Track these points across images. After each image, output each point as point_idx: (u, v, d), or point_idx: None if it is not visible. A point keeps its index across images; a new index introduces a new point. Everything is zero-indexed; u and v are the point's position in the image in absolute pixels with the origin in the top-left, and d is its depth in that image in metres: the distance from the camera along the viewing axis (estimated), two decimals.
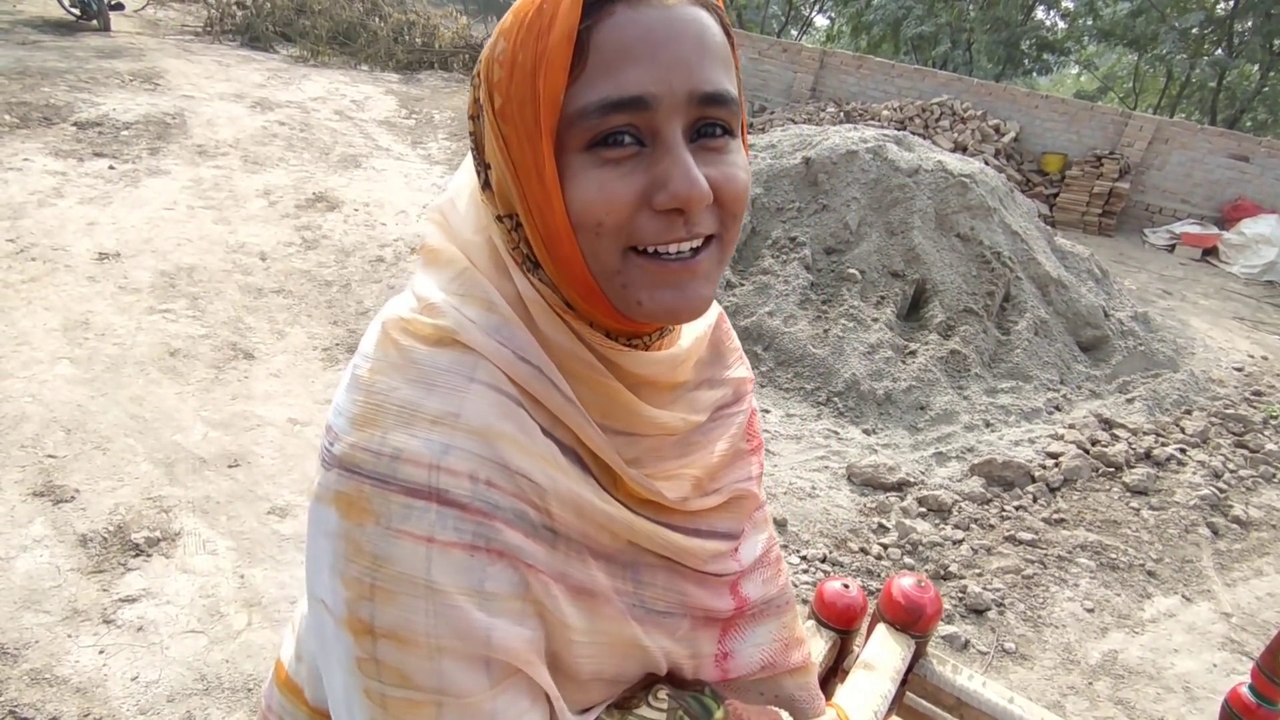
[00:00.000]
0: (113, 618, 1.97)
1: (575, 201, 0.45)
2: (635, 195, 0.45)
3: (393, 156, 6.38)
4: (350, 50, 10.21)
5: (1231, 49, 12.00)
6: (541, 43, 0.44)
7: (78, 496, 2.31)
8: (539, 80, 0.44)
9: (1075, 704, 2.22)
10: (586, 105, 0.44)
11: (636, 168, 0.45)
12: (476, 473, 0.45)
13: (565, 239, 0.46)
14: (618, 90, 0.43)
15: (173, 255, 3.94)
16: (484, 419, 0.46)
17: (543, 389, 0.49)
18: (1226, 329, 5.77)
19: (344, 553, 0.44)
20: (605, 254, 0.46)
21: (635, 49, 0.43)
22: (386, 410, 0.46)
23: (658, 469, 0.56)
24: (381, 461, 0.44)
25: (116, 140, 5.37)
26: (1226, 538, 3.06)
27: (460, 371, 0.47)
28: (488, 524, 0.45)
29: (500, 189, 0.49)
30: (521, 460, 0.47)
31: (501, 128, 0.47)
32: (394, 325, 0.50)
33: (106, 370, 2.93)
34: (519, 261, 0.50)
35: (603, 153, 0.45)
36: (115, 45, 8.13)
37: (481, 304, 0.50)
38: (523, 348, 0.49)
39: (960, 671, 1.16)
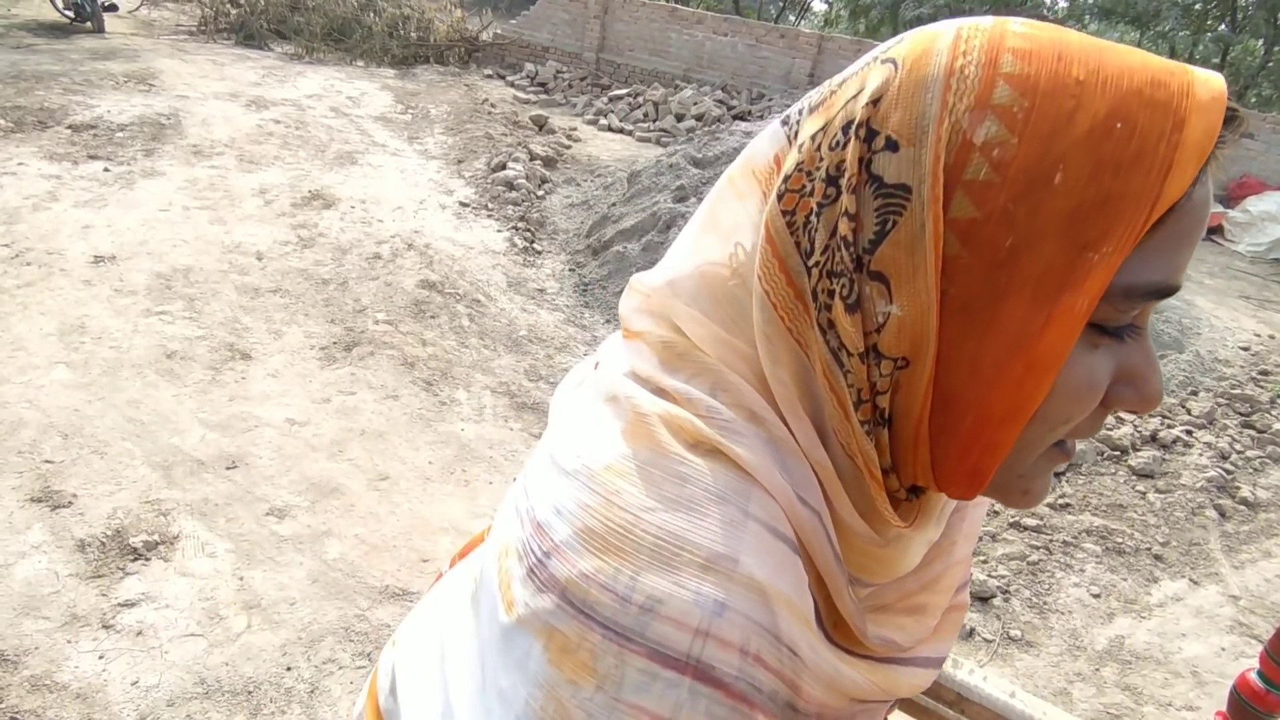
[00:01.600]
0: (112, 622, 1.97)
1: (1059, 388, 0.34)
2: (1106, 388, 0.36)
3: (389, 152, 6.35)
4: (345, 46, 10.16)
5: (1235, 24, 11.85)
6: (1119, 180, 0.32)
7: (75, 501, 2.31)
8: (1092, 230, 0.32)
9: (1082, 690, 2.20)
10: (1134, 286, 0.33)
11: (1112, 351, 0.36)
12: (748, 644, 0.34)
13: (1012, 426, 0.35)
14: (1171, 278, 0.34)
15: (168, 257, 3.93)
16: (764, 570, 0.35)
17: (817, 542, 0.38)
18: (1232, 308, 5.72)
19: (540, 709, 0.35)
20: (1038, 447, 0.37)
21: (1195, 232, 0.34)
22: (638, 538, 0.35)
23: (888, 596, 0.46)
24: (628, 612, 0.34)
25: (111, 142, 5.35)
26: (1234, 520, 3.03)
27: (736, 501, 0.36)
28: (745, 711, 0.34)
29: (908, 325, 0.35)
30: (793, 629, 0.36)
31: (953, 248, 0.34)
32: (659, 419, 0.38)
33: (103, 374, 2.93)
34: (864, 415, 0.37)
35: (1101, 336, 0.35)
36: (109, 47, 8.11)
37: (752, 418, 0.38)
38: (802, 484, 0.38)
39: (961, 666, 1.14)
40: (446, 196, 5.50)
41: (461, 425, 3.03)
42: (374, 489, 2.60)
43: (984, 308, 0.34)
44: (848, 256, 0.35)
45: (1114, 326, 0.35)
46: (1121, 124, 0.32)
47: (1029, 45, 0.34)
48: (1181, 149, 0.32)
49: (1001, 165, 0.32)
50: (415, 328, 3.67)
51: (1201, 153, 0.32)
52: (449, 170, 6.11)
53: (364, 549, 2.33)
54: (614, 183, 6.04)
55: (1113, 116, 0.32)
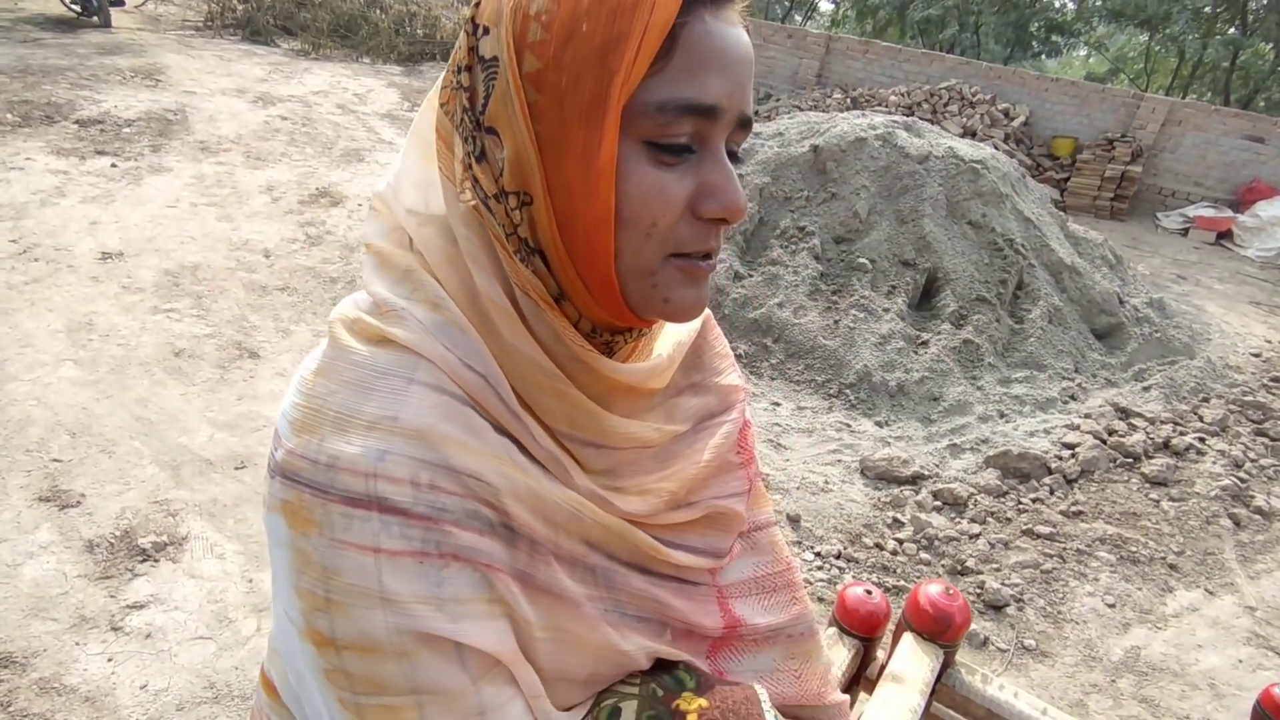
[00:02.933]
0: (120, 625, 1.95)
1: (630, 197, 0.43)
2: (686, 200, 0.45)
3: (396, 150, 6.32)
4: (352, 43, 10.14)
5: (1245, 27, 11.80)
6: (622, 21, 0.41)
7: (84, 501, 2.29)
8: (613, 59, 0.41)
9: (1099, 702, 2.18)
10: (664, 101, 0.42)
11: (686, 172, 0.45)
12: (418, 477, 0.43)
13: (602, 230, 0.44)
14: (699, 95, 0.43)
15: (176, 254, 3.91)
16: (424, 420, 0.44)
17: (488, 399, 0.46)
18: (1242, 314, 5.68)
19: (295, 564, 0.43)
20: (647, 254, 0.45)
21: (717, 59, 0.43)
22: (323, 415, 0.44)
23: (633, 482, 0.53)
24: (319, 470, 0.42)
25: (118, 138, 5.34)
26: (1249, 529, 3.00)
27: (399, 373, 0.45)
28: (435, 528, 0.43)
29: (514, 161, 0.44)
30: (469, 460, 0.44)
31: (531, 95, 0.43)
32: (339, 324, 0.48)
33: (111, 372, 2.91)
34: (514, 246, 0.46)
35: (662, 154, 0.44)
36: (116, 42, 8.09)
37: (428, 305, 0.47)
38: (469, 354, 0.46)
39: (990, 681, 1.12)
40: None
41: None
42: None
43: (560, 138, 0.43)
44: (469, 121, 0.46)
45: (670, 144, 0.43)
46: None
47: None
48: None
49: (549, 25, 0.42)
50: None
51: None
52: None
53: None
54: None
55: None
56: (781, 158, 4.57)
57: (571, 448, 0.50)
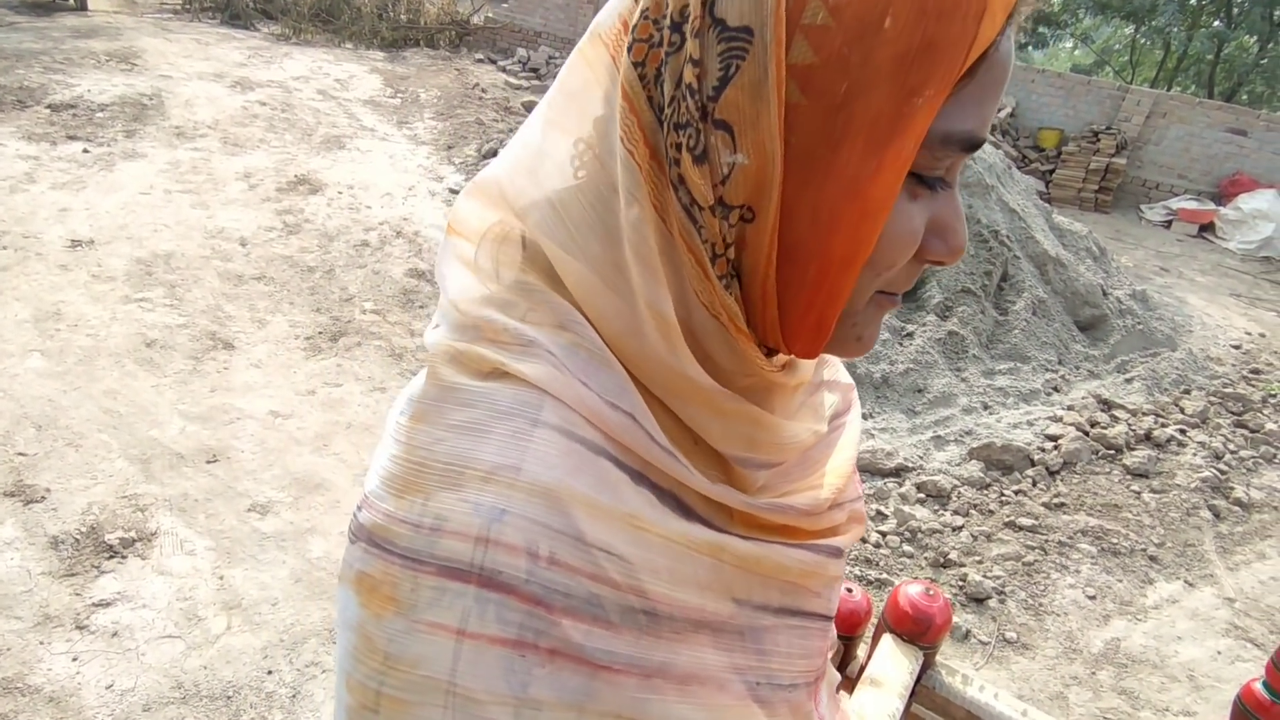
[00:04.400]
0: (86, 623, 1.90)
1: (887, 233, 0.36)
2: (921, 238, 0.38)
3: (378, 137, 6.23)
4: (334, 28, 9.97)
5: (1230, 20, 11.86)
6: (943, 26, 0.32)
7: (49, 496, 2.23)
8: (919, 73, 0.32)
9: (1078, 695, 2.18)
10: (950, 133, 0.35)
11: (928, 203, 0.38)
12: (537, 546, 0.34)
13: (848, 270, 0.36)
14: (980, 128, 0.36)
15: (149, 242, 3.82)
16: (553, 474, 0.35)
17: (636, 440, 0.38)
18: (1224, 306, 5.72)
19: (354, 650, 0.35)
20: (866, 293, 0.39)
21: (999, 86, 0.36)
22: (429, 469, 0.36)
23: (783, 490, 0.47)
24: (420, 535, 0.34)
25: (91, 122, 5.21)
26: (1228, 520, 3.02)
27: (523, 413, 0.36)
28: (544, 615, 0.34)
29: (751, 170, 0.35)
30: (601, 529, 0.36)
31: (793, 94, 0.33)
32: (442, 356, 0.39)
33: (79, 363, 2.84)
34: (720, 269, 0.37)
35: (920, 186, 0.37)
36: (91, 24, 7.91)
37: (553, 327, 0.38)
38: (611, 389, 0.38)
39: (971, 682, 1.10)
40: (436, 183, 5.40)
41: None
42: (360, 484, 2.53)
43: (822, 155, 0.34)
44: (693, 105, 0.34)
45: (930, 177, 0.37)
46: None
47: None
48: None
49: (838, 10, 0.32)
50: (404, 317, 3.60)
51: (1008, 2, 0.33)
52: (439, 156, 6.00)
53: None
54: None
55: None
56: None
57: (741, 470, 0.44)
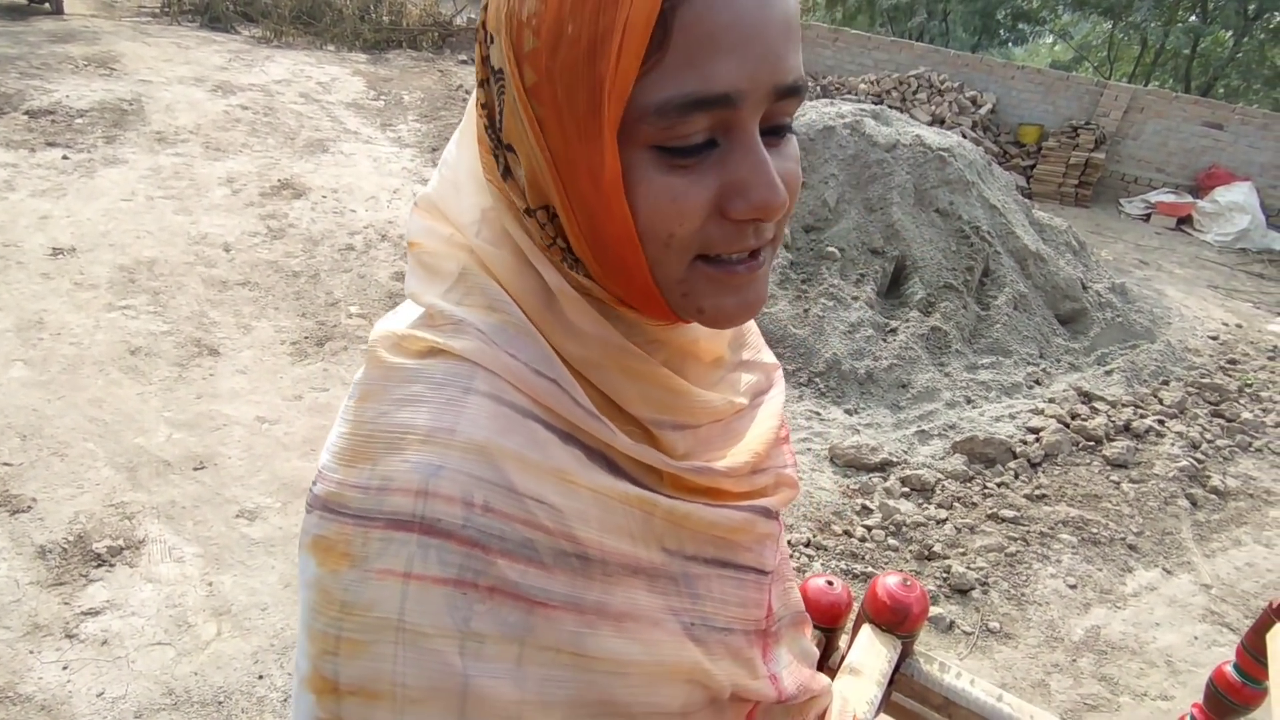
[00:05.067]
0: (75, 631, 1.90)
1: (642, 209, 0.39)
2: (708, 203, 0.39)
3: (361, 140, 6.21)
4: (315, 30, 9.91)
5: (1206, 15, 12.01)
6: (605, 18, 0.35)
7: (35, 506, 2.22)
8: (601, 64, 0.36)
9: (1060, 682, 2.22)
10: (665, 101, 0.36)
11: (707, 170, 0.39)
12: (472, 496, 0.38)
13: (628, 247, 0.40)
14: (704, 86, 0.36)
15: (131, 249, 3.80)
16: (484, 433, 0.40)
17: (561, 404, 0.43)
18: (1201, 298, 5.81)
19: (313, 604, 0.39)
20: (671, 264, 0.41)
21: (725, 36, 0.36)
22: (375, 439, 0.40)
23: (705, 457, 0.51)
24: (369, 496, 0.38)
25: (70, 129, 5.17)
26: (1205, 508, 3.08)
27: (456, 383, 0.41)
28: (481, 556, 0.38)
29: (532, 180, 0.41)
30: (531, 480, 0.40)
31: (536, 109, 0.39)
32: (383, 342, 0.44)
33: (63, 372, 2.82)
34: (556, 257, 0.43)
35: (674, 157, 0.38)
36: (68, 29, 7.83)
37: (484, 309, 0.43)
38: (537, 358, 0.43)
39: (948, 670, 1.13)
40: (421, 185, 5.40)
41: None
42: None
43: (567, 155, 0.39)
44: (490, 138, 0.43)
45: (686, 145, 0.38)
46: None
47: None
48: None
49: (538, 32, 0.37)
50: None
51: None
52: (423, 158, 5.99)
53: None
54: None
55: None
56: None
57: (659, 434, 0.48)
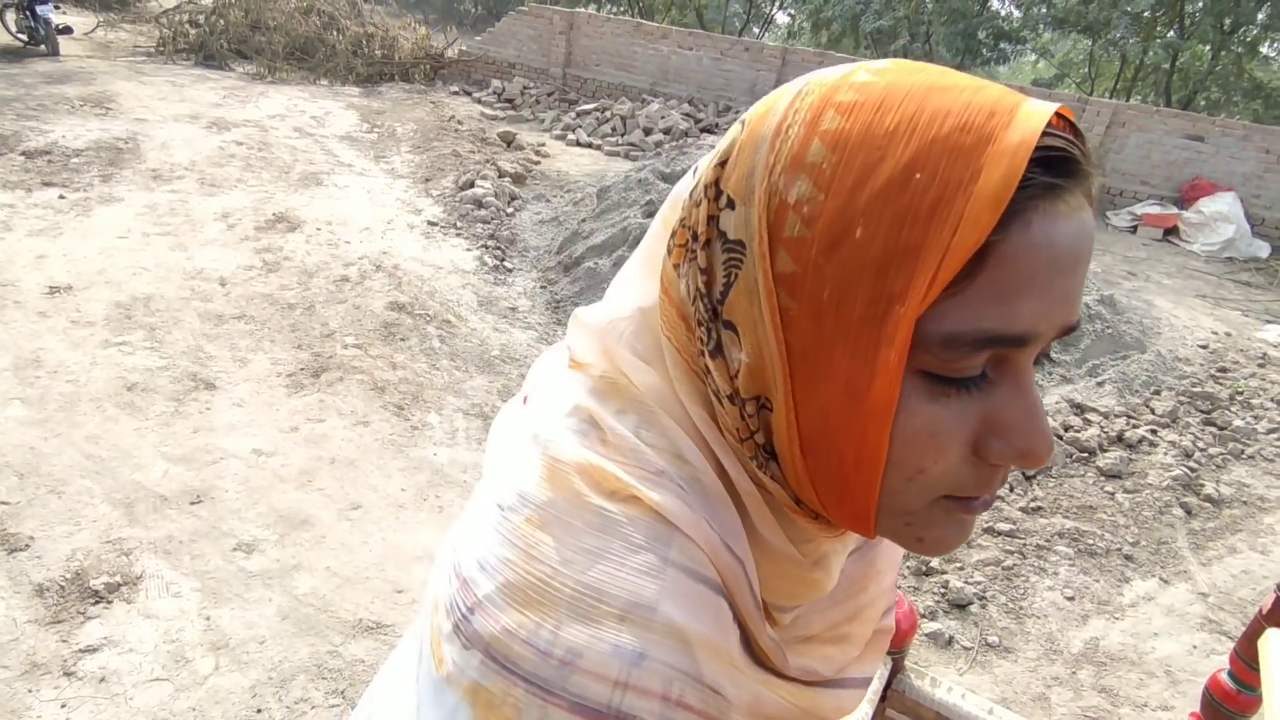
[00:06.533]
0: (74, 669, 1.90)
1: (896, 438, 0.35)
2: (968, 439, 0.35)
3: (355, 172, 6.28)
4: (308, 65, 10.06)
5: (1183, 30, 12.24)
6: (913, 233, 0.31)
7: (32, 544, 2.23)
8: (897, 280, 0.32)
9: (1060, 695, 2.22)
10: (956, 334, 0.32)
11: (970, 404, 0.35)
12: (670, 690, 0.35)
13: (866, 473, 0.35)
14: (1006, 326, 0.32)
15: (127, 285, 3.83)
16: (683, 616, 0.36)
17: (740, 588, 0.39)
18: (1190, 307, 5.87)
19: None
20: (909, 498, 0.36)
21: (1039, 277, 0.32)
22: (557, 591, 0.35)
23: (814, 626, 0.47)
24: (548, 665, 0.34)
25: (66, 168, 5.23)
26: (1200, 517, 3.09)
27: (655, 549, 0.37)
28: None
29: (755, 368, 0.37)
30: (716, 671, 0.37)
31: (784, 300, 0.35)
32: (575, 468, 0.39)
33: (60, 409, 2.84)
34: (749, 450, 0.39)
35: (943, 386, 0.34)
36: (64, 70, 7.94)
37: (674, 458, 0.39)
38: (728, 532, 0.39)
39: (939, 684, 1.15)
40: (414, 216, 5.46)
41: (434, 450, 2.99)
42: (345, 519, 2.54)
43: (818, 357, 0.35)
44: (704, 307, 0.38)
45: (959, 377, 0.34)
46: (920, 174, 0.32)
47: (857, 97, 0.34)
48: (975, 199, 0.31)
49: (811, 221, 0.33)
50: (385, 351, 3.63)
51: (998, 201, 0.31)
52: (417, 189, 6.06)
53: (336, 582, 2.28)
54: (583, 198, 6.03)
55: (912, 166, 0.32)
56: None
57: (776, 615, 0.44)
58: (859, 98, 0.34)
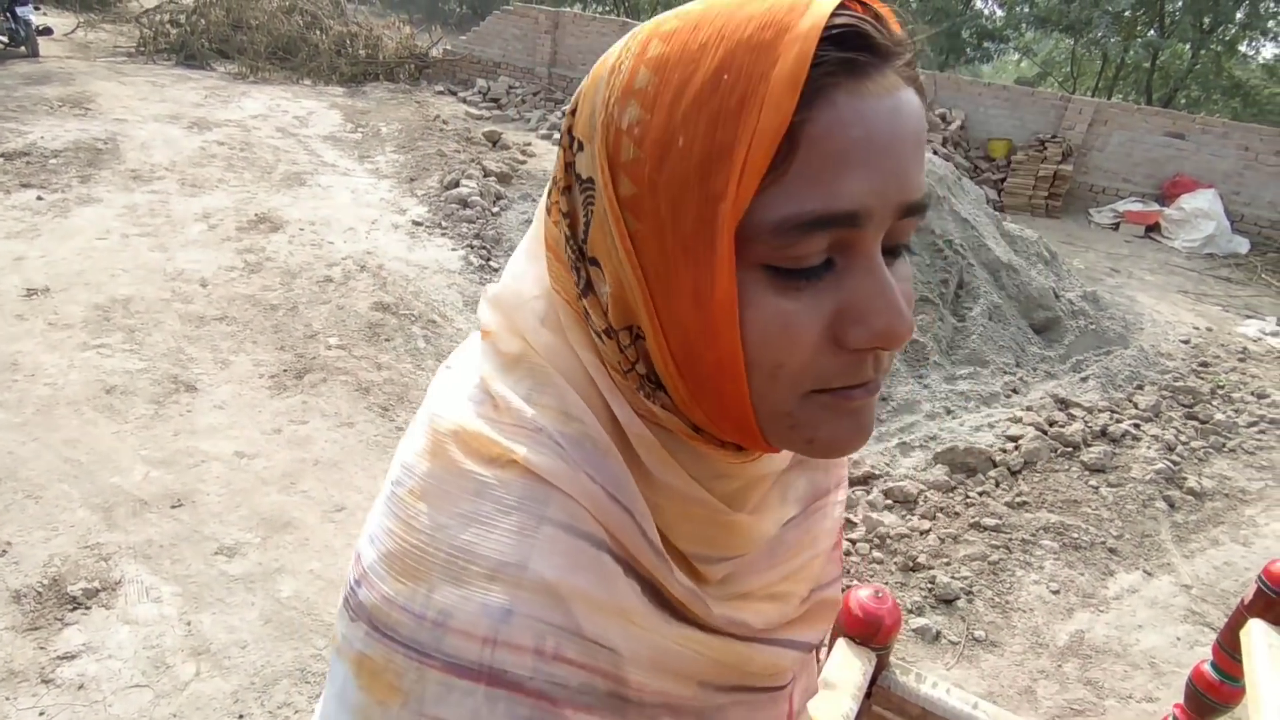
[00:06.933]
0: (51, 677, 1.87)
1: (750, 336, 0.35)
2: (822, 330, 0.35)
3: (339, 172, 6.23)
4: (291, 65, 9.98)
5: (1163, 29, 12.38)
6: (725, 131, 0.33)
7: (9, 550, 2.19)
8: (717, 179, 0.33)
9: (1046, 688, 2.23)
10: (784, 219, 0.33)
11: (822, 293, 0.35)
12: (543, 644, 0.36)
13: (729, 376, 0.36)
14: (830, 204, 0.33)
15: (107, 287, 3.78)
16: (556, 571, 0.36)
17: (631, 537, 0.39)
18: (1172, 303, 5.93)
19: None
20: (777, 397, 0.37)
21: (855, 152, 0.33)
22: (432, 557, 0.37)
23: (757, 585, 0.47)
24: (423, 627, 0.35)
25: (45, 169, 5.16)
26: (1182, 510, 3.12)
27: (530, 509, 0.38)
28: (549, 710, 0.36)
29: (618, 298, 0.38)
30: (598, 623, 0.37)
31: (631, 223, 0.36)
32: (453, 438, 0.40)
33: (37, 413, 2.79)
34: (633, 383, 0.39)
35: (787, 279, 0.35)
36: (43, 71, 7.83)
37: (560, 415, 0.40)
38: (614, 482, 0.39)
39: (924, 680, 1.14)
40: (399, 216, 5.42)
41: None
42: (329, 521, 2.52)
43: (666, 273, 0.36)
44: (572, 249, 0.40)
45: (803, 268, 0.35)
46: (728, 74, 0.33)
47: (677, 24, 0.36)
48: (773, 84, 0.32)
49: (641, 141, 0.35)
50: (369, 351, 3.60)
51: (794, 82, 0.32)
52: (401, 189, 6.02)
53: (320, 585, 2.26)
54: None
55: (721, 69, 0.33)
56: None
57: (701, 567, 0.44)
58: (679, 24, 0.36)
